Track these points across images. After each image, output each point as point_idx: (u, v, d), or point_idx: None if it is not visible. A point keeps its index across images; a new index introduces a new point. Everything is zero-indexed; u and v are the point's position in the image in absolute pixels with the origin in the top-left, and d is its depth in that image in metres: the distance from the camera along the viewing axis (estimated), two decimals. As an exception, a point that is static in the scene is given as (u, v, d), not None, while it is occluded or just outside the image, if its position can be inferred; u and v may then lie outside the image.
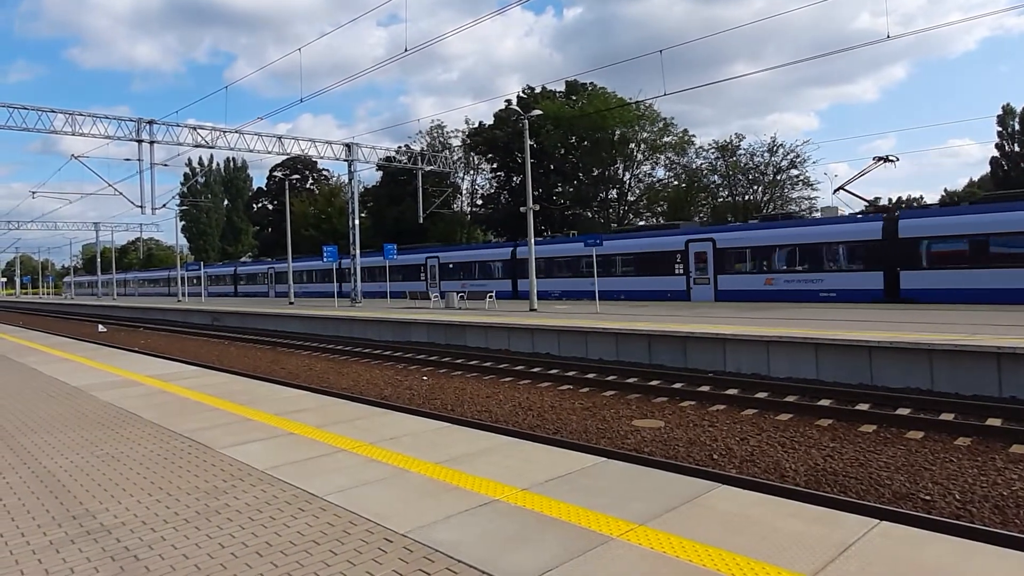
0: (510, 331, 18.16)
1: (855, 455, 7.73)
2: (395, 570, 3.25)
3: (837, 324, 14.38)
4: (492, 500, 4.21)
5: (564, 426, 9.70)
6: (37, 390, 9.26)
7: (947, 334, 11.67)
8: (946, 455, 7.62)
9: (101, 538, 3.77)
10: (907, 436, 8.42)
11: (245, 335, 26.27)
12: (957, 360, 10.51)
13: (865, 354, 11.50)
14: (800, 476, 7.12)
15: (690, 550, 3.37)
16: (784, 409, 10.03)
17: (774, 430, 8.98)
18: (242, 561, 3.40)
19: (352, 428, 6.32)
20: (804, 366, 12.21)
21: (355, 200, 34.68)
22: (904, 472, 7.07)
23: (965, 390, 10.34)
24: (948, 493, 6.43)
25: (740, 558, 3.28)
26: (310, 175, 77.87)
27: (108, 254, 78.34)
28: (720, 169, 47.10)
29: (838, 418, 9.39)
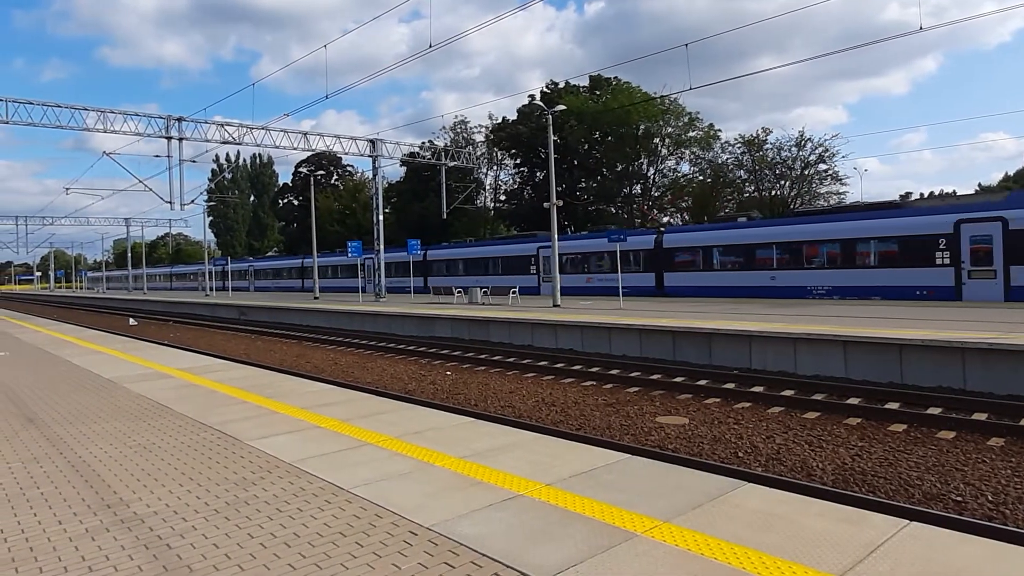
0: (533, 327, 18.16)
1: (884, 454, 7.60)
2: (420, 563, 3.28)
3: (863, 321, 14.14)
4: (517, 495, 4.23)
5: (587, 422, 9.69)
6: (72, 382, 9.50)
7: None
8: (978, 456, 7.46)
9: (135, 527, 3.86)
10: (938, 436, 8.27)
11: (272, 329, 26.63)
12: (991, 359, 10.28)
13: (895, 352, 11.30)
14: (827, 475, 7.03)
15: (715, 548, 3.36)
16: (811, 407, 9.90)
17: (800, 428, 8.87)
18: (270, 552, 3.46)
19: (377, 422, 6.38)
20: (832, 364, 12.03)
21: (379, 196, 34.91)
22: (935, 472, 6.95)
23: (999, 389, 10.11)
24: (980, 494, 6.30)
25: (767, 556, 3.25)
26: (335, 171, 78.59)
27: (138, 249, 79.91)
28: (746, 164, 46.51)
29: (867, 417, 9.25)
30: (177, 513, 4.06)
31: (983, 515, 5.85)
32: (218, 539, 3.64)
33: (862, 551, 3.29)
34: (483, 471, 4.74)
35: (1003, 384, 10.10)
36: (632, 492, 4.23)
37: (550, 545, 3.44)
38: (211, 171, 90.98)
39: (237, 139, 30.81)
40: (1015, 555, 3.28)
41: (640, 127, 47.83)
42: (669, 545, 3.41)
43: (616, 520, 3.76)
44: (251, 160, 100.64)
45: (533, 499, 4.15)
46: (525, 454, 5.19)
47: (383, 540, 3.57)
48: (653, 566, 3.18)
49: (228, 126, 30.54)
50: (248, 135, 30.86)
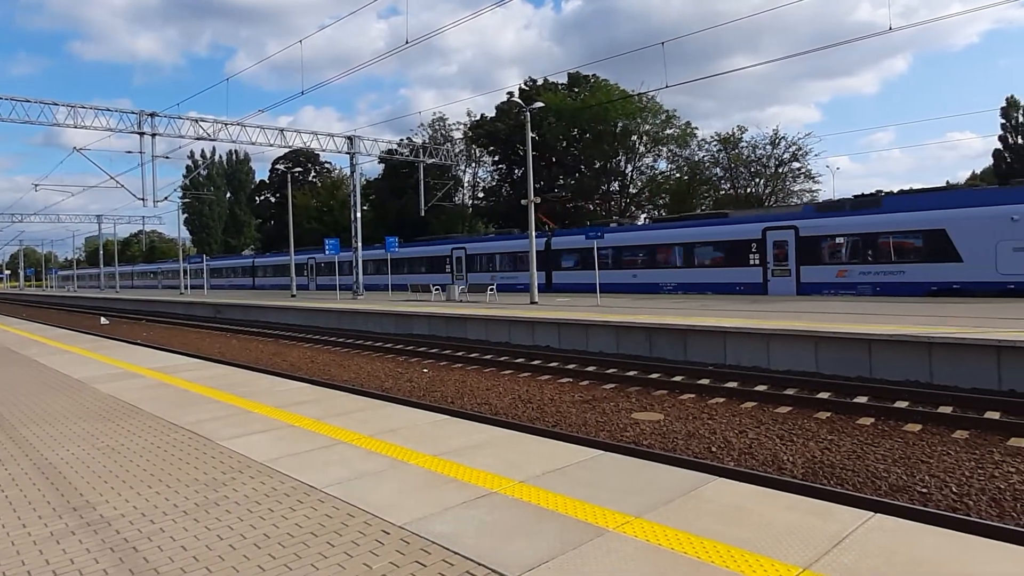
0: (511, 324, 18.18)
1: (852, 447, 7.75)
2: (392, 562, 3.27)
3: (835, 317, 14.38)
4: (490, 492, 4.23)
5: (563, 419, 9.73)
6: (39, 382, 9.31)
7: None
8: (943, 448, 7.63)
9: (101, 529, 3.80)
10: (905, 429, 8.44)
11: (248, 328, 26.34)
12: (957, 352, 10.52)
13: (865, 347, 11.51)
14: (798, 468, 7.14)
15: (685, 542, 3.40)
16: (783, 402, 10.05)
17: (772, 423, 9.00)
18: (240, 552, 3.43)
19: (352, 420, 6.35)
20: (804, 359, 12.22)
21: (357, 193, 34.66)
22: (901, 464, 7.09)
23: (964, 383, 10.35)
24: (945, 486, 6.45)
25: (735, 550, 3.30)
26: (312, 168, 77.84)
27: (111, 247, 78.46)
28: (722, 162, 46.98)
29: (836, 411, 9.42)
30: (145, 515, 4.00)
31: (947, 506, 5.99)
32: (187, 541, 3.60)
33: (828, 543, 3.35)
34: (457, 469, 4.75)
35: (968, 378, 10.34)
36: (605, 488, 4.26)
37: (522, 542, 3.45)
38: (186, 167, 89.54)
39: (212, 135, 30.35)
40: (976, 545, 3.37)
41: (618, 124, 48.08)
42: (640, 540, 3.45)
43: (588, 516, 3.79)
44: (227, 156, 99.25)
45: (506, 496, 4.16)
46: (500, 451, 5.20)
47: (355, 540, 3.56)
48: (623, 562, 3.21)
49: (202, 122, 30.09)
50: (223, 131, 30.42)
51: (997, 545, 3.39)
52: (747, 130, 46.06)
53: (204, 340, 23.18)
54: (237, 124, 30.62)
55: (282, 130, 32.21)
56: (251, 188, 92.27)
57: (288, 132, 32.50)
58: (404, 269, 40.60)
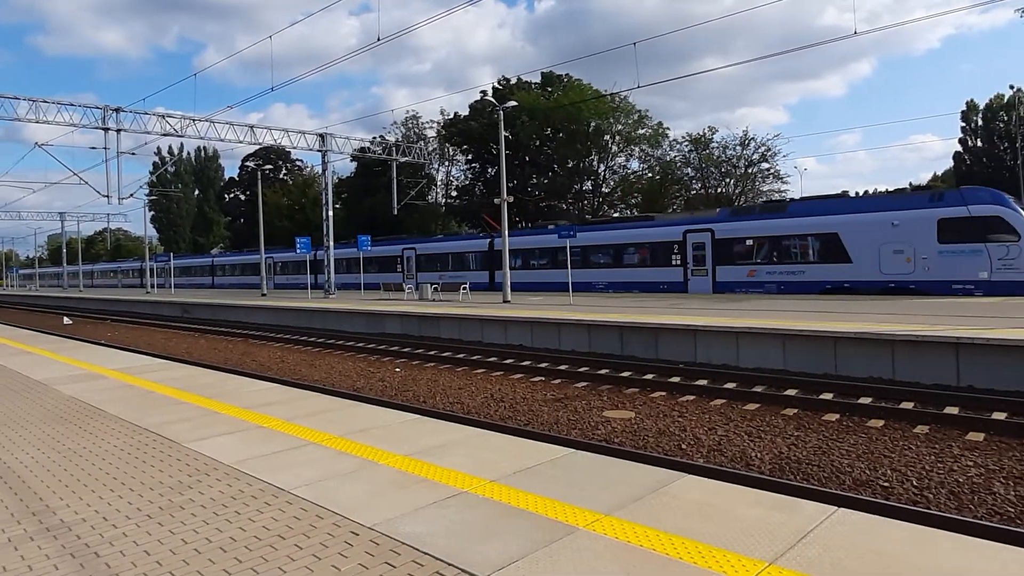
0: (483, 323, 18.17)
1: (818, 443, 7.90)
2: (361, 563, 3.25)
3: (803, 315, 14.65)
4: (461, 492, 4.23)
5: (535, 417, 9.76)
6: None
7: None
8: (905, 443, 7.82)
9: (61, 535, 3.71)
10: (868, 424, 8.63)
11: (216, 327, 25.91)
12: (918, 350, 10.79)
13: (831, 344, 11.74)
14: (765, 464, 7.26)
15: (654, 539, 3.43)
16: (751, 399, 10.20)
17: (741, 420, 9.14)
18: (205, 557, 3.37)
19: (322, 421, 6.29)
20: (772, 356, 12.43)
21: (329, 191, 34.32)
22: (865, 459, 7.25)
23: (925, 379, 10.62)
24: (906, 479, 6.61)
25: (702, 546, 3.34)
26: (283, 165, 76.83)
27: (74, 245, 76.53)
28: (693, 162, 47.52)
29: (803, 407, 9.59)
30: (107, 520, 3.91)
31: (908, 500, 6.14)
32: (150, 545, 3.53)
33: (793, 537, 3.41)
34: (428, 468, 4.73)
35: (929, 374, 10.62)
36: (576, 487, 4.28)
37: (492, 542, 3.45)
38: (152, 164, 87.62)
39: (179, 131, 29.77)
40: (936, 537, 3.45)
41: (591, 124, 48.30)
42: (609, 538, 3.47)
43: (559, 515, 3.80)
44: (195, 153, 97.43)
45: (477, 496, 4.16)
46: (471, 451, 5.20)
47: (323, 541, 3.52)
48: (593, 559, 3.23)
49: (170, 117, 29.53)
50: (191, 127, 29.87)
51: (955, 537, 3.49)
52: (717, 131, 46.66)
53: (171, 340, 22.75)
54: (206, 120, 30.10)
55: (252, 127, 31.77)
56: (220, 185, 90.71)
57: (258, 129, 32.07)
58: (355, 269, 41.26)
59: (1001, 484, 6.40)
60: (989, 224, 19.56)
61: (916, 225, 20.42)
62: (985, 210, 19.73)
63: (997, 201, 19.98)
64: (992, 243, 19.45)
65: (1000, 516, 5.75)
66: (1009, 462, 7.04)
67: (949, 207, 20.25)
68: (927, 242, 20.20)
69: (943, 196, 21.13)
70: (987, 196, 20.25)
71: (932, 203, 20.61)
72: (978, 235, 19.62)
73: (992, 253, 19.45)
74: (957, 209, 20.11)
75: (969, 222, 19.78)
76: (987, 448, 7.56)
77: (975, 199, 20.12)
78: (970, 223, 19.77)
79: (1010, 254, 19.19)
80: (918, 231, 20.34)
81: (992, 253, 19.45)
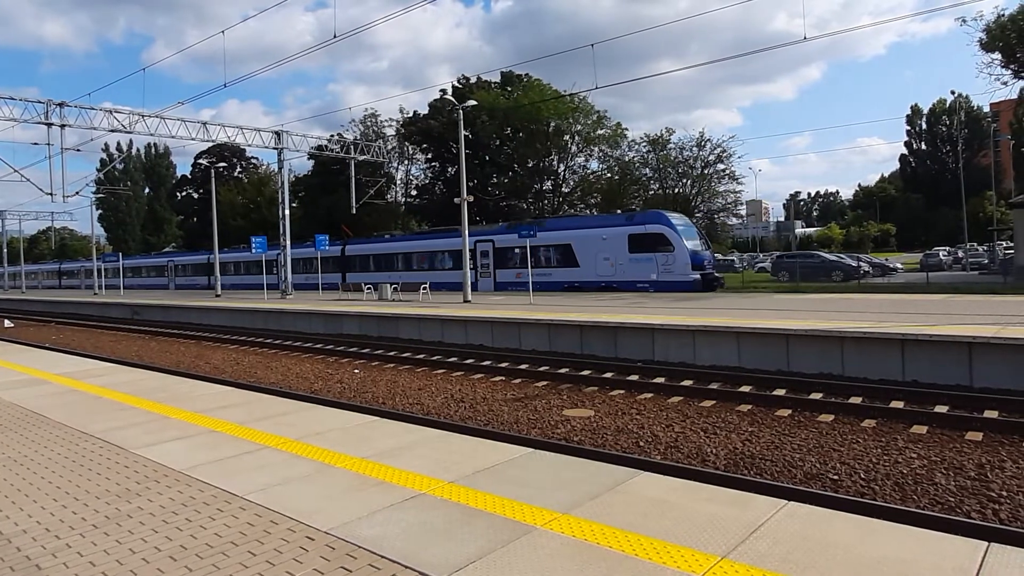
0: (443, 323, 18.10)
1: (771, 438, 8.10)
2: (316, 569, 3.20)
3: (754, 313, 15.00)
4: (419, 494, 4.20)
5: (496, 417, 9.76)
6: (-69, 391, 8.62)
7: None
8: (853, 436, 8.08)
9: (0, 547, 3.56)
10: (819, 419, 8.89)
11: (168, 329, 25.20)
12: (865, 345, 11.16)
13: (783, 341, 12.05)
14: (720, 460, 7.41)
15: (610, 536, 3.47)
16: (707, 396, 10.40)
17: (697, 416, 9.30)
18: (154, 566, 3.28)
19: (278, 424, 6.17)
20: (727, 354, 12.68)
21: (285, 190, 33.73)
22: (815, 454, 7.47)
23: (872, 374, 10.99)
24: (854, 472, 6.83)
25: (657, 542, 3.39)
26: (238, 163, 75.18)
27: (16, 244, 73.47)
28: (651, 162, 48.18)
29: (757, 403, 9.81)
30: (50, 531, 3.77)
31: (856, 492, 6.34)
32: (95, 556, 3.41)
33: (745, 532, 3.49)
34: (386, 471, 4.69)
35: (876, 369, 10.99)
36: (535, 486, 4.29)
37: (450, 543, 3.44)
38: (100, 161, 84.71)
39: (128, 127, 28.81)
40: (882, 528, 3.57)
41: (551, 124, 48.54)
42: (566, 536, 3.50)
43: (517, 515, 3.81)
44: (145, 150, 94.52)
45: (435, 497, 4.14)
46: (430, 452, 5.17)
47: (277, 547, 3.46)
48: (550, 558, 3.25)
49: (118, 113, 28.53)
50: (140, 123, 28.92)
51: (900, 528, 3.61)
52: (675, 132, 47.45)
53: (120, 343, 22.04)
54: (156, 116, 29.21)
55: (205, 123, 30.97)
56: (172, 183, 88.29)
57: (211, 126, 31.29)
58: (301, 268, 41.97)
59: (943, 475, 6.66)
60: (657, 239, 26.18)
61: (616, 239, 27.00)
62: (655, 228, 26.36)
63: (662, 221, 26.62)
64: (658, 253, 26.11)
65: (941, 506, 5.98)
66: (950, 453, 7.33)
67: (635, 226, 26.93)
68: (622, 252, 26.75)
69: (633, 217, 28.22)
70: (656, 217, 27.21)
71: (627, 223, 27.35)
72: (650, 247, 26.25)
73: (658, 260, 26.09)
74: (639, 227, 26.76)
75: (646, 237, 26.43)
76: (930, 440, 7.86)
77: (650, 220, 27.00)
78: (646, 238, 26.41)
79: (668, 261, 25.85)
80: (617, 244, 26.85)
81: (658, 260, 26.09)
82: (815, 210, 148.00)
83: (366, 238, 43.09)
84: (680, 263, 25.71)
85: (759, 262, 54.01)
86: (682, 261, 25.70)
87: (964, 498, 6.10)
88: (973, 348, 10.22)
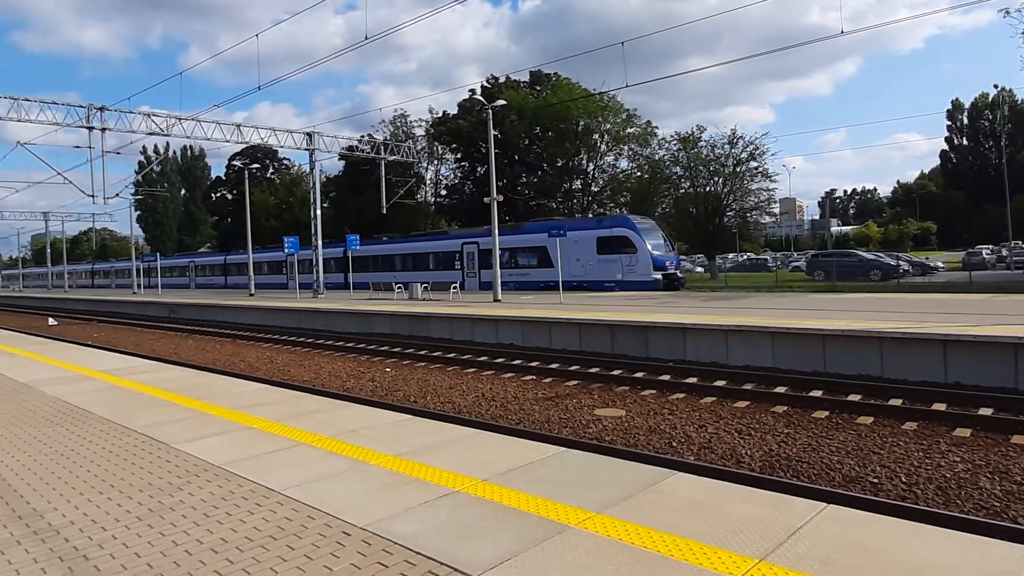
0: (474, 322, 18.16)
1: (808, 440, 7.95)
2: (353, 563, 3.24)
3: (791, 313, 14.75)
4: (452, 491, 4.22)
5: (526, 416, 9.76)
6: (-18, 386, 8.94)
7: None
8: (894, 439, 7.89)
9: (49, 538, 3.67)
10: (857, 421, 8.70)
11: (204, 327, 25.73)
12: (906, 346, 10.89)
13: (820, 342, 11.82)
14: (755, 462, 7.30)
15: (644, 536, 3.44)
16: (741, 397, 10.25)
17: (731, 417, 9.18)
18: (196, 558, 3.35)
19: (312, 421, 6.26)
20: (761, 354, 12.49)
21: (316, 190, 34.15)
22: (854, 456, 7.31)
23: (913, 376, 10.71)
24: (895, 476, 6.67)
25: (693, 543, 3.35)
26: (270, 164, 76.31)
27: (59, 245, 75.75)
28: (682, 161, 47.66)
29: (792, 405, 9.65)
30: (96, 522, 3.88)
31: (897, 495, 6.19)
32: (140, 548, 3.50)
33: (783, 534, 3.43)
34: (419, 468, 4.72)
35: (917, 371, 10.71)
36: (567, 485, 4.28)
37: (483, 540, 3.45)
38: (138, 163, 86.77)
39: (165, 130, 29.54)
40: (924, 532, 3.49)
41: (580, 123, 48.32)
42: (600, 535, 3.48)
43: (550, 513, 3.81)
44: (181, 152, 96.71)
45: (468, 495, 4.15)
46: (462, 450, 5.19)
47: (315, 542, 3.51)
48: (584, 557, 3.24)
49: (155, 116, 29.29)
50: (177, 126, 29.64)
51: (942, 532, 3.52)
52: (706, 129, 46.86)
53: (158, 341, 22.58)
54: (192, 119, 29.89)
55: (239, 126, 31.58)
56: (207, 185, 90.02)
57: (245, 128, 31.88)
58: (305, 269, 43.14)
59: (987, 479, 6.47)
60: (622, 241, 28.23)
61: (586, 242, 28.69)
62: (620, 231, 28.43)
63: (627, 225, 28.67)
64: (623, 254, 28.10)
65: (986, 510, 5.81)
66: (995, 457, 7.11)
67: (603, 229, 29.04)
68: (591, 253, 28.56)
69: (602, 221, 30.56)
70: (622, 221, 29.43)
71: (596, 226, 29.37)
72: (616, 249, 28.26)
73: (623, 261, 28.09)
74: (606, 230, 28.82)
75: (612, 240, 28.44)
76: (974, 443, 7.64)
77: (616, 224, 29.25)
78: (612, 241, 28.42)
79: (632, 262, 27.91)
80: (587, 246, 28.55)
81: (623, 261, 28.09)
82: (851, 208, 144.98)
83: (367, 240, 44.14)
84: (643, 264, 27.92)
85: (793, 261, 53.16)
86: (644, 263, 27.92)
87: (1010, 503, 5.92)
88: (1019, 349, 9.90)
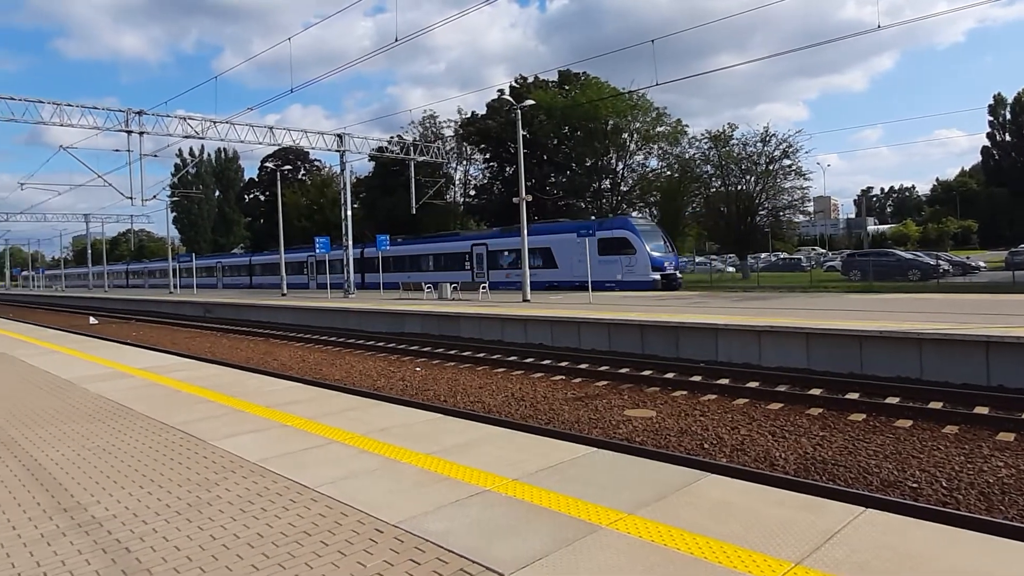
0: (503, 322, 18.18)
1: (844, 443, 7.80)
2: (386, 560, 3.27)
3: (827, 314, 14.47)
4: (483, 490, 4.24)
5: (556, 416, 9.74)
6: (27, 383, 9.23)
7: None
8: (934, 443, 7.69)
9: (92, 530, 3.78)
10: (896, 424, 8.50)
11: (238, 327, 26.21)
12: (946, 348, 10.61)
13: (856, 343, 11.58)
14: (790, 465, 7.18)
15: (677, 538, 3.41)
16: (775, 398, 10.09)
17: (764, 419, 9.04)
18: (233, 552, 3.42)
19: (344, 419, 6.33)
20: (795, 355, 12.28)
21: (347, 191, 34.54)
22: (892, 460, 7.14)
23: (954, 378, 10.43)
24: (935, 480, 6.50)
25: (727, 545, 3.31)
26: (302, 166, 77.43)
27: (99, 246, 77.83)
28: (713, 159, 47.05)
29: (828, 407, 9.46)
30: (137, 516, 3.98)
31: (937, 500, 6.04)
32: (179, 541, 3.58)
33: (820, 538, 3.37)
34: (450, 467, 4.74)
35: (958, 373, 10.43)
36: (598, 485, 4.27)
37: (515, 540, 3.46)
38: (174, 166, 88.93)
39: (200, 133, 30.14)
40: (965, 539, 3.40)
41: (609, 122, 48.03)
42: (632, 537, 3.46)
43: (581, 513, 3.80)
44: (215, 155, 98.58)
45: (499, 494, 4.16)
46: (493, 449, 5.20)
47: (348, 538, 3.55)
48: (616, 558, 3.22)
49: (191, 120, 29.89)
50: (212, 129, 30.21)
51: (985, 538, 3.43)
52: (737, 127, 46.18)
53: (194, 340, 23.05)
54: (226, 122, 30.42)
55: (271, 128, 32.06)
56: (240, 186, 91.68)
57: (277, 130, 32.35)
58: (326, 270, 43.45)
59: (1033, 485, 6.27)
60: (623, 242, 29.30)
61: (588, 243, 27.87)
62: (620, 233, 29.45)
63: (627, 227, 29.78)
64: (623, 255, 29.11)
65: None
66: (1041, 463, 6.89)
67: (605, 230, 29.56)
68: (593, 254, 27.38)
69: (603, 223, 31.09)
70: (622, 223, 30.54)
71: (598, 228, 29.29)
72: (616, 250, 29.24)
73: (623, 262, 29.06)
74: (607, 232, 29.57)
75: (613, 241, 29.40)
76: (1018, 448, 7.41)
77: (616, 225, 30.18)
78: (613, 242, 29.38)
79: (631, 262, 28.93)
80: (589, 247, 27.56)
81: (623, 262, 29.06)
82: (888, 206, 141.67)
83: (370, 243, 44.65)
84: (641, 265, 28.81)
85: (828, 260, 52.12)
86: (643, 263, 28.81)
87: (1057, 510, 5.73)
88: (1066, 351, 9.58)
